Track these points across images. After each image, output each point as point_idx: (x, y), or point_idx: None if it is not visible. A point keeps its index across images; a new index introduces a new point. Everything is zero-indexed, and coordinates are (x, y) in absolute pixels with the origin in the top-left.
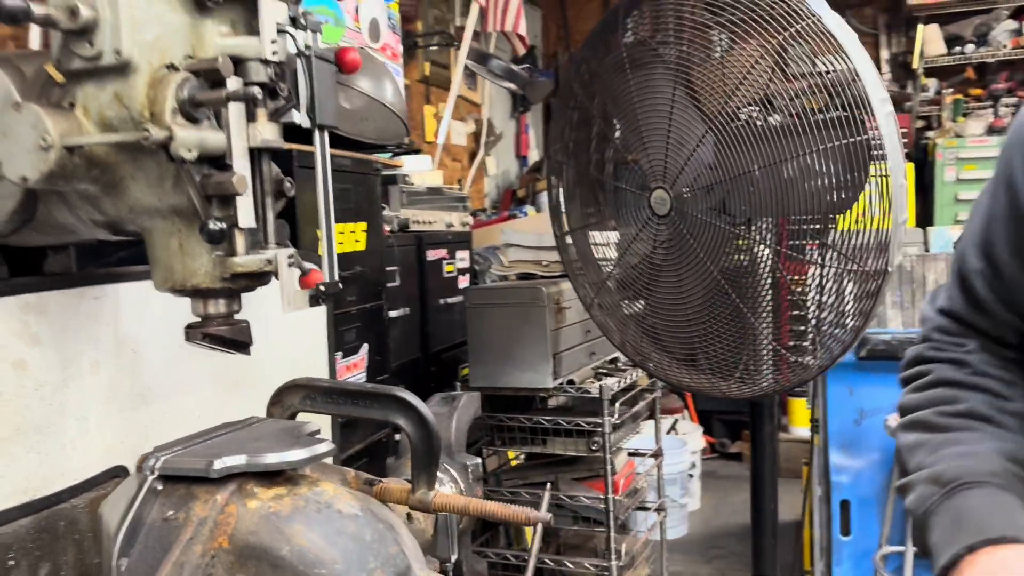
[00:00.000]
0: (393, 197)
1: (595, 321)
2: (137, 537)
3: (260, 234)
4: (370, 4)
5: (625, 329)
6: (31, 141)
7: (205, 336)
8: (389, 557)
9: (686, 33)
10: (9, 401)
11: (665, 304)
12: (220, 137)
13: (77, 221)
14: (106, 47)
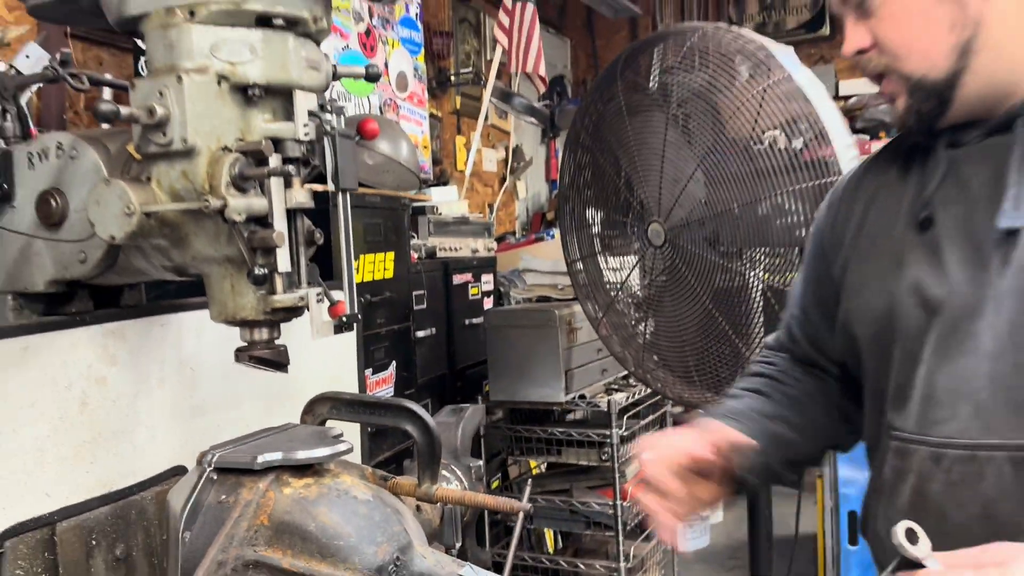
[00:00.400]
0: (422, 227)
1: (601, 339)
2: (197, 515)
3: (295, 276)
4: (398, 58)
5: (628, 347)
6: (118, 208)
7: (251, 358)
8: (394, 534)
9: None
10: (94, 411)
11: (663, 326)
12: (263, 202)
13: (149, 266)
14: (175, 136)
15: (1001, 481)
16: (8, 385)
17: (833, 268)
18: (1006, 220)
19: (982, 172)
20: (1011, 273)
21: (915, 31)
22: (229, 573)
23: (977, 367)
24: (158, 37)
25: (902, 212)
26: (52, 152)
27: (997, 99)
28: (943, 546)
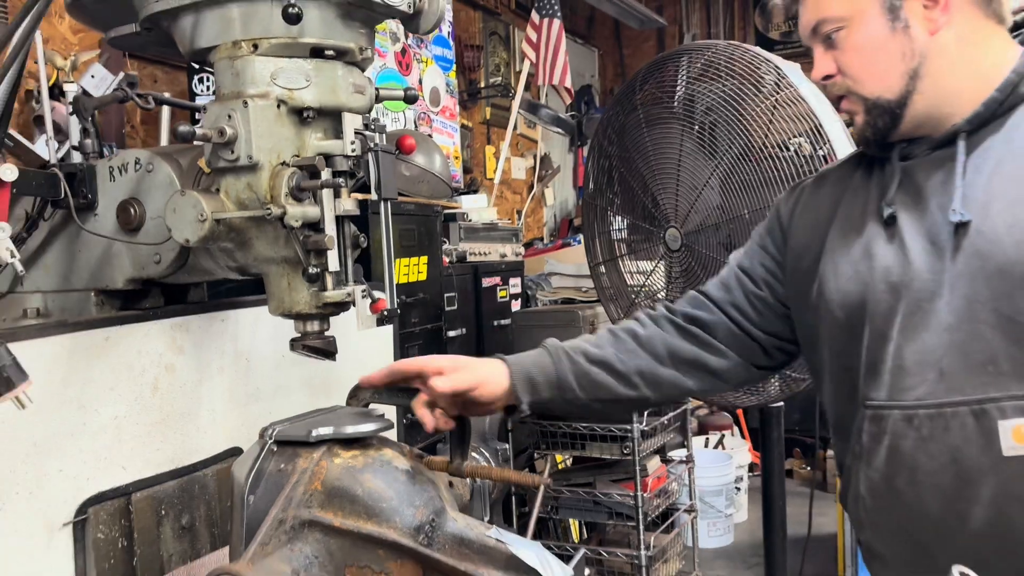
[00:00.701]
0: (453, 233)
1: None
2: (260, 482)
3: (343, 275)
4: (431, 75)
5: None
6: (192, 216)
7: (305, 347)
8: (429, 499)
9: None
10: (164, 395)
11: None
12: (316, 210)
13: (216, 266)
14: (242, 153)
15: (964, 431)
16: (92, 371)
17: (789, 246)
18: (955, 216)
19: (933, 178)
20: (962, 259)
21: (872, 59)
22: (288, 530)
23: (939, 339)
24: (226, 67)
25: (868, 212)
26: (131, 166)
27: (940, 118)
28: (916, 495)
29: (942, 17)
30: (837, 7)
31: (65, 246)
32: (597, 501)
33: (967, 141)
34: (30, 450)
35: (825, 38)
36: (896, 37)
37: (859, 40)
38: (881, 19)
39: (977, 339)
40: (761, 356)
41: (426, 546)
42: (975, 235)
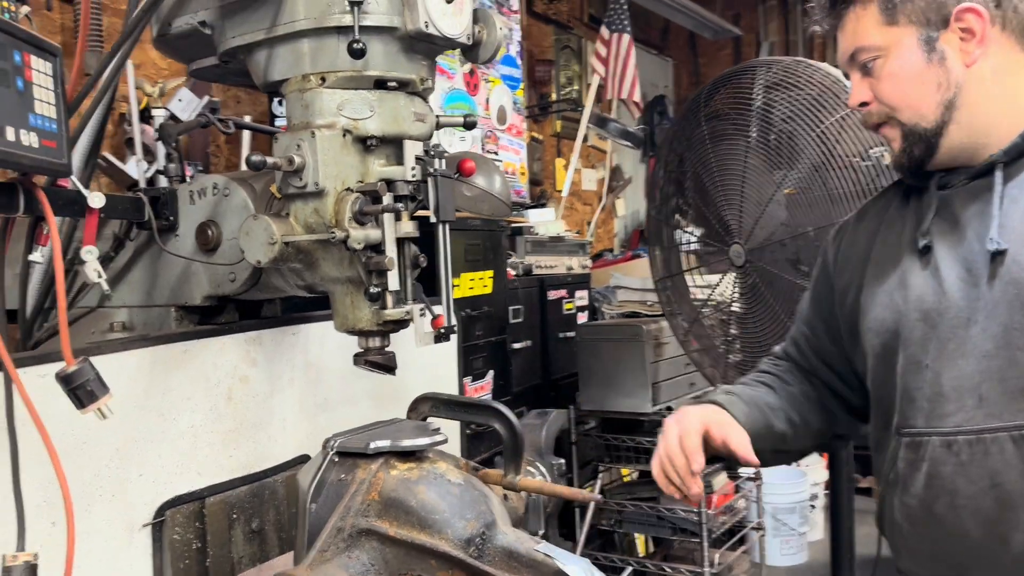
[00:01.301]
0: (519, 246)
1: (688, 355)
2: (322, 490)
3: (403, 294)
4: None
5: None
6: (263, 238)
7: (366, 362)
8: (481, 512)
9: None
10: (238, 404)
11: (746, 344)
12: (378, 233)
13: (286, 284)
14: (309, 180)
15: (1004, 456)
16: (171, 381)
17: (836, 291)
18: (992, 244)
19: (970, 208)
20: (999, 287)
21: (909, 88)
22: (346, 538)
23: (977, 366)
24: (296, 98)
25: (904, 242)
26: (209, 190)
27: (976, 148)
28: (957, 519)
29: (978, 50)
30: (875, 37)
31: (148, 265)
32: (661, 516)
33: (1004, 171)
34: (113, 455)
35: (862, 66)
36: (932, 68)
37: (895, 69)
38: (917, 50)
39: (1014, 366)
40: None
41: (476, 558)
42: (1011, 264)
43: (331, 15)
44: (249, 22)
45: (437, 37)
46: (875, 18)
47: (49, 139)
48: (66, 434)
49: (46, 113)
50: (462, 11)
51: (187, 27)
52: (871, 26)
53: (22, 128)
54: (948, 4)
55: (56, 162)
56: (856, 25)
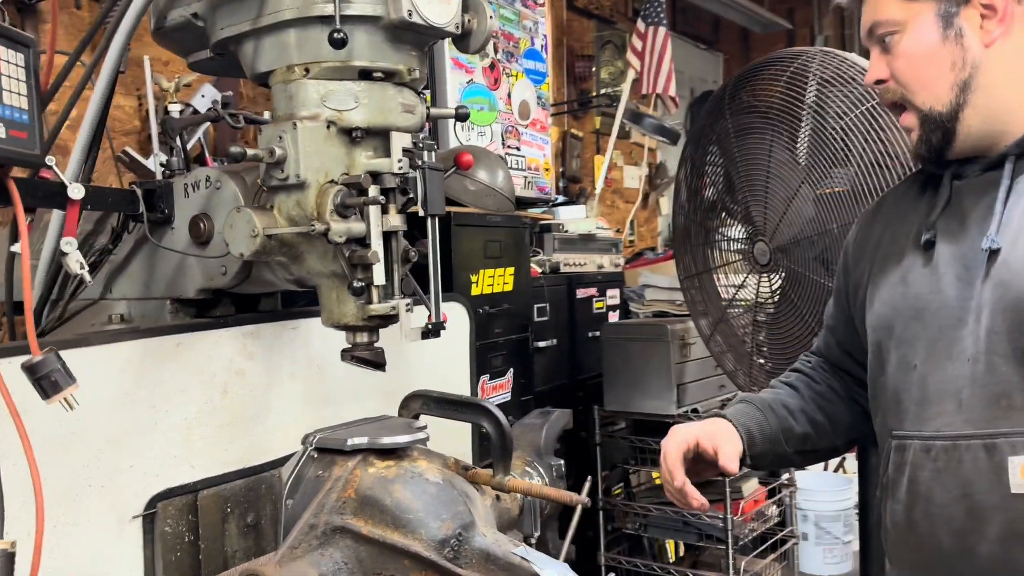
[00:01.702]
0: (547, 243)
1: (713, 355)
2: (299, 486)
3: (390, 288)
4: (521, 89)
5: (739, 364)
6: (246, 231)
7: (353, 358)
8: (458, 513)
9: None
10: (234, 398)
11: (772, 344)
12: (362, 226)
13: (276, 279)
14: (291, 172)
15: (976, 465)
16: (164, 373)
17: (851, 282)
18: (987, 243)
19: (979, 202)
20: (988, 288)
21: (922, 67)
22: (319, 535)
23: (961, 369)
24: (280, 89)
25: (911, 235)
26: (202, 183)
27: (995, 136)
28: (930, 527)
29: (998, 28)
30: (893, 10)
31: (146, 257)
32: (687, 521)
33: (1015, 165)
34: (103, 446)
35: (880, 41)
36: (947, 46)
37: (910, 46)
38: (934, 26)
39: (993, 372)
40: None
41: (451, 559)
42: (1001, 264)
43: (314, 4)
44: (237, 13)
45: (422, 26)
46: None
47: (18, 130)
48: (55, 424)
49: (15, 104)
50: (450, 0)
51: (181, 19)
52: (891, 0)
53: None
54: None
55: (26, 152)
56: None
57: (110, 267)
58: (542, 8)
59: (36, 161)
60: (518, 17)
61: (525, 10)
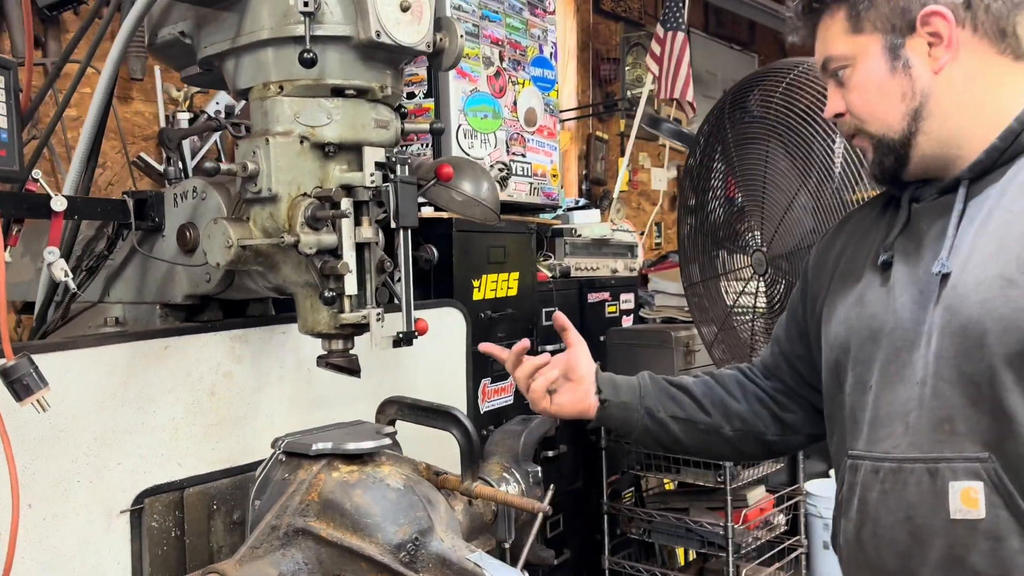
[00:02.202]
0: (558, 248)
1: (714, 361)
2: (266, 488)
3: (363, 298)
4: (528, 96)
5: None
6: (221, 242)
7: (328, 364)
8: (416, 518)
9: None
10: (221, 400)
11: None
12: (332, 238)
13: (256, 286)
14: (263, 186)
15: (920, 488)
16: (151, 375)
17: (807, 296)
18: (938, 267)
19: (935, 225)
20: (939, 312)
21: (874, 100)
22: (281, 536)
23: (911, 392)
24: (257, 106)
25: (870, 254)
26: (190, 194)
27: (949, 159)
28: (876, 548)
29: (946, 55)
30: (841, 46)
31: (139, 263)
32: (689, 528)
33: (968, 189)
34: (91, 444)
35: (833, 75)
36: (896, 77)
37: (861, 80)
38: (881, 59)
39: (938, 396)
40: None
41: (407, 563)
42: (950, 288)
43: (287, 25)
44: (219, 32)
45: (392, 46)
46: (842, 26)
47: None
48: (42, 423)
49: None
50: (420, 19)
51: (170, 36)
52: (839, 35)
53: None
54: (912, 8)
55: (5, 169)
56: (826, 33)
57: (108, 272)
58: (552, 16)
59: (16, 176)
60: (525, 26)
61: (533, 19)
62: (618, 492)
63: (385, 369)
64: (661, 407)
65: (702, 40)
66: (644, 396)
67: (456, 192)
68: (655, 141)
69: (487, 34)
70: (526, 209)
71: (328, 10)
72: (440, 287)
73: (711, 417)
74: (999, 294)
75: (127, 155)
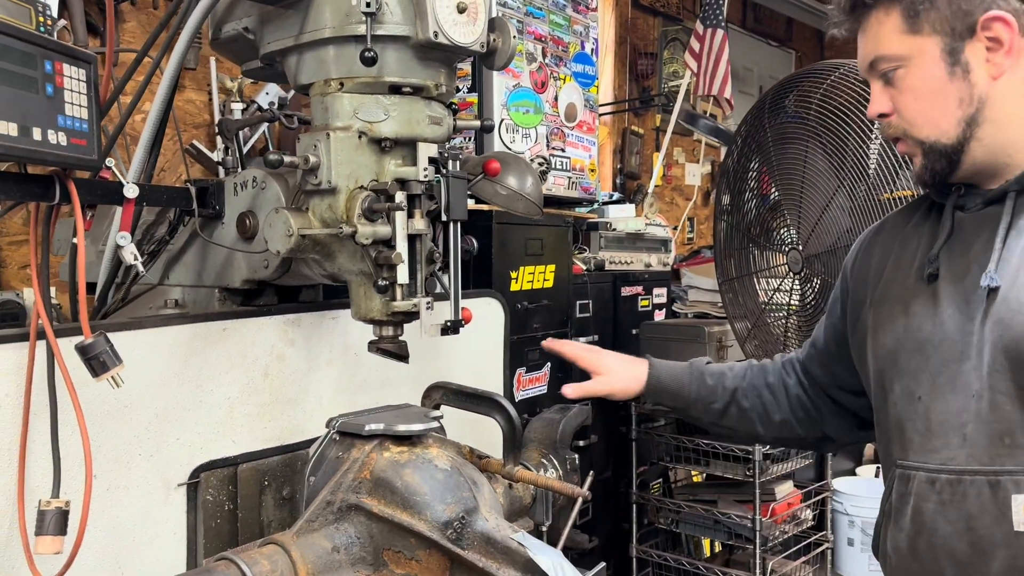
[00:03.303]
0: (593, 241)
1: (747, 357)
2: (321, 465)
3: (413, 287)
4: (568, 91)
5: None
6: (283, 231)
7: (379, 349)
8: (462, 498)
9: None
10: (274, 380)
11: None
12: (387, 229)
13: (312, 273)
14: (323, 179)
15: (981, 500)
16: (210, 356)
17: (850, 303)
18: (986, 280)
19: (980, 236)
20: (989, 325)
21: (929, 104)
22: (335, 511)
23: (965, 404)
24: (318, 101)
25: (914, 265)
26: (249, 183)
27: (999, 167)
28: (933, 558)
29: (1006, 61)
30: (896, 45)
31: (199, 248)
32: (717, 520)
33: (1016, 201)
34: (152, 420)
35: (883, 75)
36: (954, 82)
37: (916, 82)
38: (940, 62)
39: (996, 409)
40: (854, 418)
41: (454, 540)
42: (1001, 303)
43: (349, 24)
44: (282, 29)
45: (448, 46)
46: (897, 25)
47: (79, 138)
48: (109, 398)
49: (77, 115)
50: (476, 21)
51: (234, 32)
52: (893, 34)
53: (50, 128)
54: (975, 12)
55: (85, 158)
56: (878, 31)
57: (168, 256)
58: (595, 13)
59: (94, 165)
60: (568, 22)
61: (576, 15)
62: (646, 483)
63: (426, 356)
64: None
65: (739, 36)
66: (688, 404)
67: (501, 186)
68: (690, 136)
69: (530, 30)
70: (564, 203)
71: (389, 11)
72: (479, 278)
73: (741, 411)
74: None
75: (181, 142)
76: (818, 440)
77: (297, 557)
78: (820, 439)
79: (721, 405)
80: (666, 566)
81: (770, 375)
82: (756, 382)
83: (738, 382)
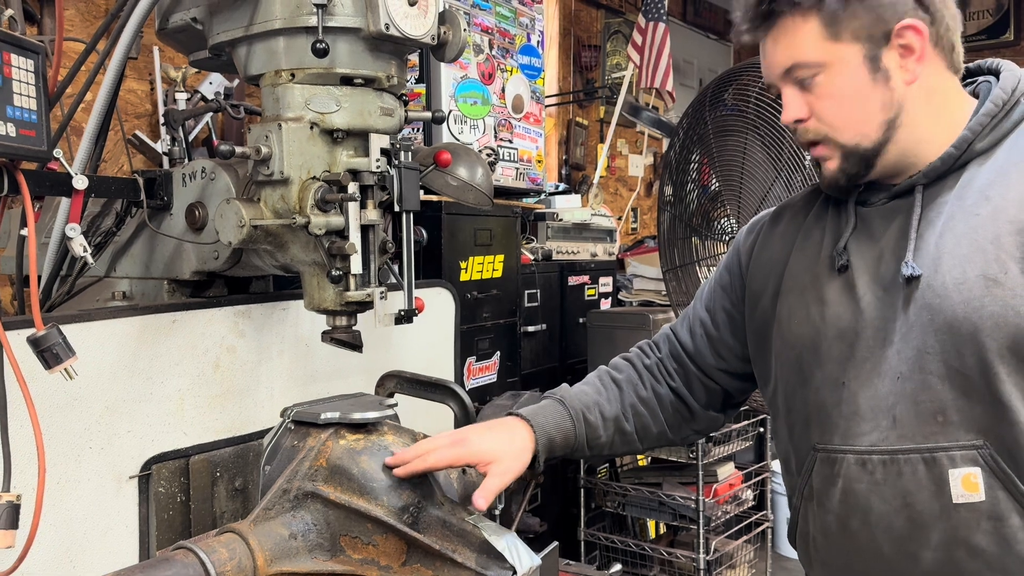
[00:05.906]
0: (540, 232)
1: None
2: (276, 454)
3: (367, 277)
4: (515, 83)
5: None
6: (234, 221)
7: (332, 339)
8: (417, 483)
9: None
10: (224, 372)
11: None
12: (340, 219)
13: (264, 264)
14: (275, 169)
15: (916, 476)
16: (160, 348)
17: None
18: (907, 269)
19: (889, 228)
20: (913, 311)
21: (852, 109)
22: (292, 499)
23: (892, 387)
24: (268, 92)
25: (822, 256)
26: (199, 174)
27: (905, 166)
28: (870, 536)
29: (918, 67)
30: (816, 52)
31: (147, 240)
32: (662, 502)
33: (924, 194)
34: (102, 412)
35: (798, 81)
36: (877, 88)
37: (838, 88)
38: (862, 68)
39: (927, 390)
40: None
41: (410, 524)
42: (925, 289)
43: (300, 16)
44: (231, 20)
45: (399, 38)
46: (816, 32)
47: (27, 128)
48: (59, 391)
49: (25, 105)
50: (426, 13)
51: (182, 22)
52: (811, 40)
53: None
54: (889, 20)
55: (35, 149)
56: (793, 38)
57: (114, 247)
58: (540, 5)
59: (44, 156)
60: (514, 15)
61: (522, 7)
62: (593, 468)
63: (377, 347)
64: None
65: (680, 29)
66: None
67: (451, 177)
68: (633, 128)
69: (477, 22)
70: (512, 193)
71: (339, 3)
72: (429, 268)
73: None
74: (985, 293)
75: (124, 132)
76: (684, 438)
77: (255, 545)
78: (686, 436)
79: (607, 438)
80: (613, 548)
81: (640, 387)
82: (630, 400)
83: (616, 408)
